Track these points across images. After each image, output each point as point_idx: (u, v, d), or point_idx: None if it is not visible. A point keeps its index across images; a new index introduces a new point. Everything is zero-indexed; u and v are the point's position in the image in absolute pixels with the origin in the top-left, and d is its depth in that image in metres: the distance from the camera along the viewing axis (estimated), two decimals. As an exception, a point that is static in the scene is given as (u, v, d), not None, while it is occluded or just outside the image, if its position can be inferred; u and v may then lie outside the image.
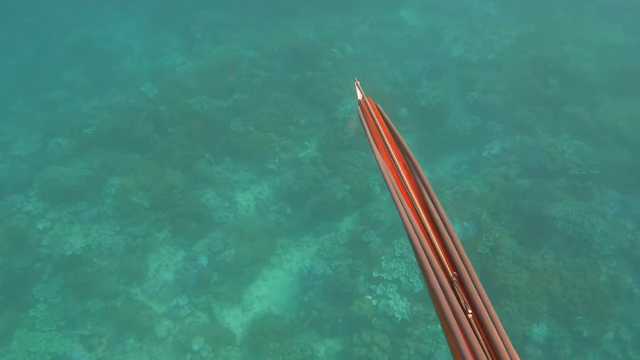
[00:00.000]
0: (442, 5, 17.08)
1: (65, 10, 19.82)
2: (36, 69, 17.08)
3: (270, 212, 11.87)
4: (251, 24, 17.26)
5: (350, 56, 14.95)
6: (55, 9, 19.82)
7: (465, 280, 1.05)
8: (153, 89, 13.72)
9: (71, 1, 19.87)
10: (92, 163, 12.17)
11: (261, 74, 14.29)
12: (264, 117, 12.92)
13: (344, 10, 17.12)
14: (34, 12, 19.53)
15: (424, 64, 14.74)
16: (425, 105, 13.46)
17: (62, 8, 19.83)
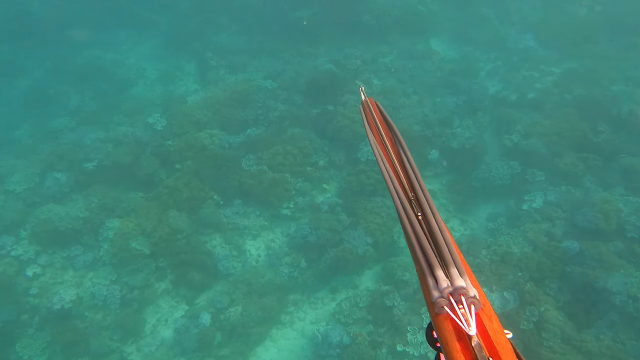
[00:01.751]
0: (476, 36, 16.12)
1: (79, 31, 19.36)
2: (45, 92, 16.54)
3: (282, 265, 10.87)
4: (270, 51, 16.52)
5: (375, 90, 14.03)
6: (68, 29, 19.38)
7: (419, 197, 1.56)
8: (161, 120, 12.95)
9: (85, 22, 19.43)
10: (90, 203, 11.36)
11: (278, 107, 13.44)
12: (280, 156, 12.01)
13: (369, 38, 16.28)
14: (47, 32, 19.13)
15: (457, 100, 13.74)
16: (458, 147, 12.43)
17: (75, 29, 19.39)
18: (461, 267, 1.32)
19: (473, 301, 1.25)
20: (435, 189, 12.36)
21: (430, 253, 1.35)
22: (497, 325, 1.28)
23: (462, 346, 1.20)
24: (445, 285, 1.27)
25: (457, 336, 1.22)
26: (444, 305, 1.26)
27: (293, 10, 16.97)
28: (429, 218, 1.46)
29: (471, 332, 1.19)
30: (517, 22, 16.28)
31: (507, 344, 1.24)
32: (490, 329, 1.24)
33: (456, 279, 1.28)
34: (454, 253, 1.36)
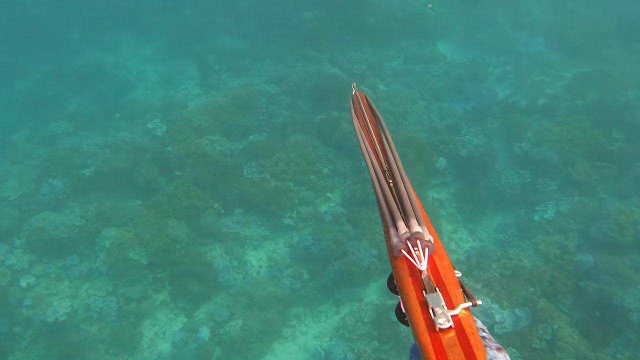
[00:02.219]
0: (485, 39, 15.80)
1: (80, 32, 19.17)
2: (44, 94, 16.33)
3: (284, 277, 10.57)
4: (274, 54, 16.22)
5: (382, 95, 13.73)
6: (69, 31, 19.19)
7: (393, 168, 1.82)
8: (161, 126, 12.68)
9: (86, 24, 19.22)
10: (86, 210, 11.10)
11: (281, 113, 13.14)
12: (282, 164, 11.71)
13: (375, 42, 15.97)
14: (47, 33, 18.92)
15: (465, 106, 13.42)
16: (466, 155, 12.10)
17: (76, 30, 19.19)
18: (420, 218, 1.53)
19: (427, 244, 1.45)
20: (442, 197, 12.04)
21: (394, 208, 1.56)
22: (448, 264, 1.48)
23: (413, 280, 1.41)
24: (403, 232, 1.49)
25: (410, 272, 1.43)
26: (402, 249, 1.47)
27: (297, 12, 16.68)
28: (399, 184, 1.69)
29: (422, 267, 1.39)
30: (527, 25, 15.95)
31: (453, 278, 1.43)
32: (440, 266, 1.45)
33: (414, 226, 1.49)
34: (415, 207, 1.57)
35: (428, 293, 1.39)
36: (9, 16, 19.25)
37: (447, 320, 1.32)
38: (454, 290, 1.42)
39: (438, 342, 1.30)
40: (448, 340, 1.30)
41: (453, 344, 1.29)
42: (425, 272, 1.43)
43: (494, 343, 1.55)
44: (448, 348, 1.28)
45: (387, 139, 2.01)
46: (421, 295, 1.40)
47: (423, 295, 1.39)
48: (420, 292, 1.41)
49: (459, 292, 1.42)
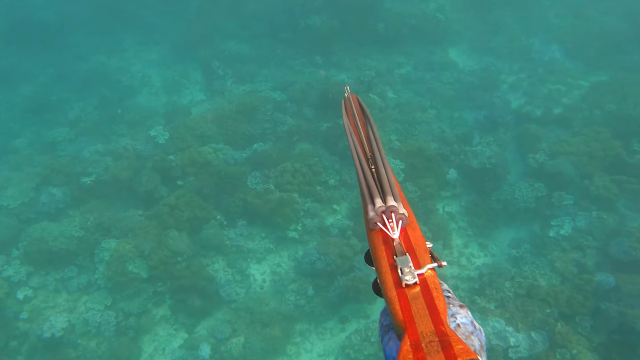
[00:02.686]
0: (497, 46, 15.42)
1: (85, 36, 19.00)
2: (48, 98, 16.16)
3: (288, 292, 10.24)
4: (280, 59, 15.96)
5: (390, 103, 13.39)
6: (74, 34, 19.03)
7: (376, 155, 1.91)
8: (163, 133, 12.42)
9: (91, 27, 19.06)
10: (86, 221, 10.83)
11: (287, 121, 12.84)
12: (288, 174, 11.40)
13: (384, 48, 15.64)
14: (52, 37, 18.78)
15: (477, 115, 13.05)
16: (478, 166, 11.73)
17: (81, 34, 19.03)
18: (396, 194, 1.66)
19: (401, 217, 1.58)
20: (453, 210, 11.67)
21: (373, 187, 1.69)
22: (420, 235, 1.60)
23: (386, 247, 1.55)
24: (379, 206, 1.61)
25: (383, 241, 1.56)
26: (377, 222, 1.60)
27: (305, 17, 16.39)
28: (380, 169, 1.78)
29: (394, 236, 1.53)
30: (542, 32, 15.55)
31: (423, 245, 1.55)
32: (412, 236, 1.57)
33: (389, 201, 1.60)
34: (393, 186, 1.69)
35: (398, 257, 1.51)
36: (15, 19, 19.16)
37: (412, 277, 1.44)
38: (423, 255, 1.54)
39: (403, 295, 1.42)
40: (413, 294, 1.42)
41: (417, 296, 1.41)
42: (397, 240, 1.55)
43: (457, 301, 1.64)
44: (412, 300, 1.40)
45: (373, 132, 2.10)
46: (392, 259, 1.52)
47: (393, 259, 1.51)
48: (391, 256, 1.53)
49: (427, 257, 1.54)
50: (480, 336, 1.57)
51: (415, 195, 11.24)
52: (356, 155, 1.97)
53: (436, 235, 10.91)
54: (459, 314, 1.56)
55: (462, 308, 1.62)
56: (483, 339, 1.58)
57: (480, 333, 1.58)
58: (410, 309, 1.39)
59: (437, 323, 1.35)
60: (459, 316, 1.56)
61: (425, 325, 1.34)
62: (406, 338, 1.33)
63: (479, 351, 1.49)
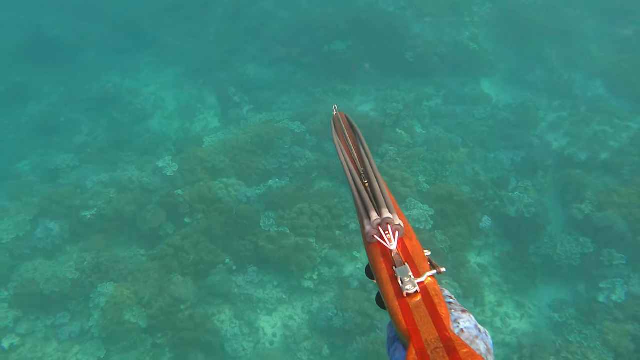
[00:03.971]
0: (535, 79, 14.48)
1: (98, 54, 18.57)
2: (56, 120, 15.66)
3: (300, 350, 9.31)
4: (301, 86, 15.23)
5: (419, 140, 12.51)
6: (88, 53, 18.61)
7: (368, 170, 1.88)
8: (172, 165, 11.68)
9: (105, 46, 18.63)
10: (82, 261, 10.08)
11: (306, 155, 12.02)
12: (305, 216, 10.53)
13: (413, 77, 14.83)
14: (65, 54, 18.38)
15: (514, 156, 12.09)
16: (515, 215, 10.76)
17: (95, 52, 18.60)
18: (391, 206, 1.70)
19: (397, 227, 1.63)
20: (486, 262, 10.68)
21: (367, 202, 1.72)
22: (417, 243, 1.65)
23: (384, 259, 1.58)
24: (375, 218, 1.66)
25: (382, 253, 1.61)
26: (374, 235, 1.64)
27: (328, 41, 15.69)
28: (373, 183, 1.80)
29: (392, 247, 1.57)
30: (584, 66, 14.59)
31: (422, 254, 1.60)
32: (410, 246, 1.62)
33: (385, 213, 1.65)
34: (387, 198, 1.72)
35: (397, 267, 1.52)
36: (28, 35, 18.83)
37: (413, 286, 1.45)
38: (422, 263, 1.56)
39: (405, 305, 1.43)
40: (414, 303, 1.43)
41: (419, 305, 1.43)
42: (395, 251, 1.57)
43: (459, 306, 1.65)
44: (414, 309, 1.42)
45: (364, 148, 2.10)
46: (391, 270, 1.53)
47: (393, 270, 1.52)
48: (390, 267, 1.55)
49: (425, 264, 1.56)
50: (487, 339, 1.56)
51: (445, 245, 10.28)
52: (348, 171, 1.98)
53: (467, 292, 9.92)
54: (461, 319, 1.57)
55: (464, 312, 1.62)
56: (489, 342, 1.56)
57: (486, 336, 1.57)
58: (413, 317, 1.41)
59: (441, 329, 1.36)
60: (461, 321, 1.57)
61: (430, 333, 1.36)
62: (412, 347, 1.34)
63: (485, 354, 1.48)
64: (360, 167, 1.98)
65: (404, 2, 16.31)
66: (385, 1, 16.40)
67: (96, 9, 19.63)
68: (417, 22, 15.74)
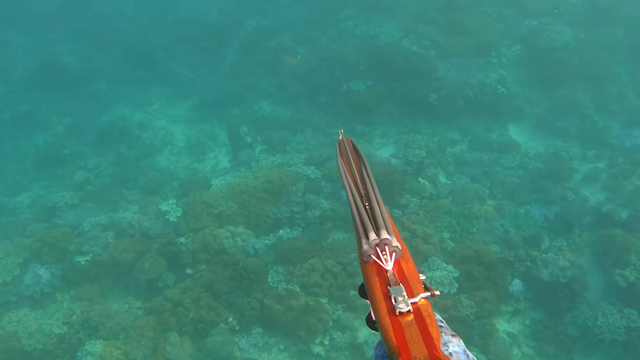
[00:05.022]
0: (567, 126, 13.66)
1: (109, 85, 18.21)
2: (61, 152, 15.17)
3: None
4: (317, 126, 14.59)
5: (443, 190, 11.69)
6: (99, 82, 18.28)
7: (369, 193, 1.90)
8: (176, 209, 10.97)
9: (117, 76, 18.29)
10: (71, 314, 9.30)
11: (320, 204, 11.25)
12: (317, 274, 9.69)
13: (436, 120, 14.13)
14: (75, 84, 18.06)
15: (547, 212, 11.19)
16: (549, 279, 9.81)
17: (106, 82, 18.26)
18: (390, 228, 1.71)
19: (394, 249, 1.65)
20: (516, 331, 9.70)
21: (367, 222, 1.74)
22: (412, 266, 1.67)
23: (380, 278, 1.60)
24: (373, 239, 1.67)
25: (377, 272, 1.62)
26: (371, 254, 1.66)
27: (347, 80, 15.11)
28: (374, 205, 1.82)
29: (388, 267, 1.59)
30: (621, 113, 13.77)
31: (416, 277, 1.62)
32: (406, 268, 1.64)
33: (383, 234, 1.66)
34: (386, 220, 1.74)
35: (392, 286, 1.53)
36: (39, 63, 18.58)
37: (406, 306, 1.47)
38: (416, 285, 1.58)
39: (397, 322, 1.45)
40: (406, 321, 1.45)
41: (411, 324, 1.44)
42: (390, 271, 1.59)
43: (449, 331, 1.70)
44: (406, 327, 1.43)
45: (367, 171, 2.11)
46: (385, 289, 1.55)
47: (387, 289, 1.54)
48: (385, 286, 1.56)
49: (420, 287, 1.58)
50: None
51: (471, 312, 9.33)
52: (350, 193, 1.98)
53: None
54: (451, 343, 1.63)
55: (454, 337, 1.68)
56: None
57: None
58: (404, 335, 1.42)
59: (431, 348, 1.38)
60: (451, 345, 1.62)
61: (419, 351, 1.37)
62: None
63: None
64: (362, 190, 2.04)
65: (428, 42, 15.75)
66: (409, 40, 15.87)
67: (110, 38, 19.43)
68: (441, 63, 15.12)
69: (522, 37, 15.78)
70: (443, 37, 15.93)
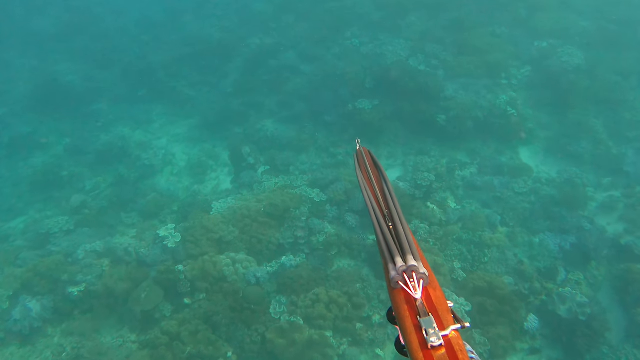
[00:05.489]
0: (580, 151, 13.25)
1: (110, 104, 17.92)
2: (58, 174, 14.81)
3: None
4: (322, 146, 14.22)
5: (452, 216, 11.24)
6: (99, 101, 17.99)
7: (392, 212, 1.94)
8: (174, 235, 10.56)
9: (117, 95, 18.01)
10: (61, 351, 8.82)
11: (325, 229, 10.83)
12: (321, 305, 9.22)
13: (444, 142, 13.74)
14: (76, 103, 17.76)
15: (562, 242, 10.73)
16: (567, 315, 9.31)
17: (106, 101, 17.96)
18: (416, 254, 1.73)
19: (422, 276, 1.66)
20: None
21: (392, 246, 1.76)
22: (441, 294, 1.67)
23: (409, 307, 1.61)
24: (400, 265, 1.69)
25: (406, 301, 1.62)
26: (399, 281, 1.67)
27: (353, 99, 14.77)
28: (398, 227, 1.85)
29: (417, 296, 1.59)
30: (635, 140, 13.35)
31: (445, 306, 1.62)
32: (434, 296, 1.64)
33: (410, 260, 1.68)
34: (412, 245, 1.76)
35: (422, 317, 1.53)
36: (39, 82, 18.32)
37: (438, 339, 1.46)
38: (446, 316, 1.57)
39: (430, 357, 1.44)
40: (439, 356, 1.44)
41: (443, 358, 1.44)
42: (419, 300, 1.58)
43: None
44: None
45: (388, 187, 2.14)
46: (415, 319, 1.55)
47: (417, 320, 1.54)
48: (415, 317, 1.55)
49: (449, 317, 1.57)
50: None
51: (484, 349, 8.83)
52: (373, 212, 1.96)
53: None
54: None
55: None
56: None
57: None
58: None
59: None
60: None
61: None
62: None
63: None
64: (385, 209, 2.01)
65: (435, 61, 15.43)
66: (416, 59, 15.55)
67: (112, 56, 19.22)
68: (450, 83, 14.78)
69: (532, 58, 15.45)
70: (451, 56, 15.62)
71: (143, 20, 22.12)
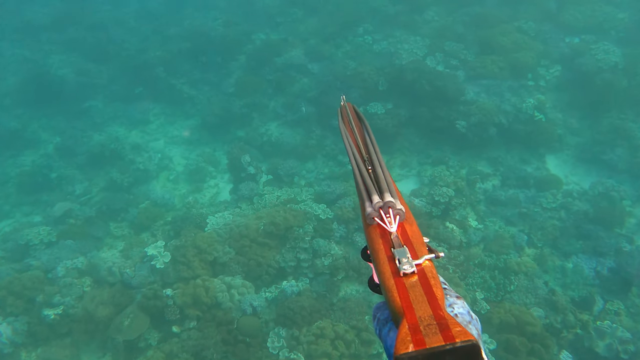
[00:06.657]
0: (615, 159, 12.12)
1: (106, 101, 17.06)
2: (47, 176, 14.06)
3: None
4: (329, 152, 13.23)
5: (474, 237, 10.20)
6: (94, 98, 17.12)
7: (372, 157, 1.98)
8: (164, 254, 9.64)
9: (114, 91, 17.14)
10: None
11: (332, 250, 9.84)
12: (325, 340, 8.25)
13: (464, 150, 12.67)
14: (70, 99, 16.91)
15: (598, 266, 9.66)
16: (606, 353, 8.25)
17: (102, 98, 17.10)
18: (393, 191, 1.77)
19: (398, 212, 1.69)
20: None
21: (370, 185, 1.80)
22: (416, 229, 1.70)
23: (383, 241, 1.64)
24: (377, 201, 1.71)
25: (381, 235, 1.66)
26: (374, 217, 1.70)
27: (364, 102, 13.73)
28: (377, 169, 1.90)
29: (392, 229, 1.62)
30: (678, 148, 12.18)
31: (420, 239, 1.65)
32: (410, 231, 1.67)
33: (387, 197, 1.71)
34: (390, 183, 1.80)
35: (396, 248, 1.56)
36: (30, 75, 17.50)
37: (410, 267, 1.49)
38: (420, 248, 1.60)
39: (401, 283, 1.46)
40: (410, 282, 1.46)
41: (415, 285, 1.45)
42: (394, 234, 1.61)
43: (454, 293, 1.73)
44: (410, 288, 1.44)
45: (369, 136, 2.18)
46: (389, 251, 1.57)
47: (391, 251, 1.56)
48: (389, 249, 1.58)
49: (424, 249, 1.60)
50: (477, 325, 1.63)
51: (512, 394, 7.80)
52: (352, 157, 2.01)
53: None
54: (456, 304, 1.65)
55: (459, 299, 1.70)
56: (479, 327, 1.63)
57: (477, 322, 1.64)
58: (408, 295, 1.41)
59: (435, 308, 1.36)
60: (456, 306, 1.64)
61: (424, 310, 1.36)
62: (404, 322, 1.34)
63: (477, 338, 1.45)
64: (365, 154, 2.07)
65: (455, 61, 14.32)
66: (434, 58, 14.45)
67: (109, 49, 18.31)
68: (471, 85, 13.67)
69: (563, 56, 14.27)
70: (472, 55, 14.50)
71: (142, 11, 21.20)
